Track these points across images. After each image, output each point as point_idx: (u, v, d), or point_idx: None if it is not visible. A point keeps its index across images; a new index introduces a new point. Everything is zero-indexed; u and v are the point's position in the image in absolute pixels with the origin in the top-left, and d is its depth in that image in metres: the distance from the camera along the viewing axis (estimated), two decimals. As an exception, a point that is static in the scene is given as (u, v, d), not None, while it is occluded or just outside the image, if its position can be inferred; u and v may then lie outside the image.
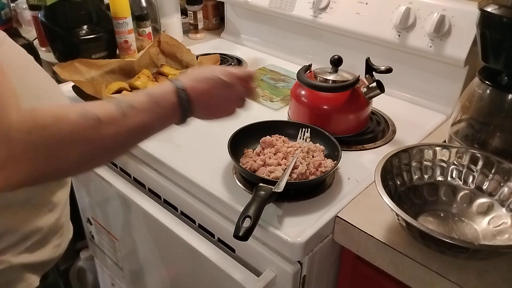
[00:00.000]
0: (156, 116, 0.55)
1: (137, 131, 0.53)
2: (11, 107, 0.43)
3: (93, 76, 1.02)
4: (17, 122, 0.43)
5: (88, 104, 0.51)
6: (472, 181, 0.69)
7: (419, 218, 0.68)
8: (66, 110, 0.47)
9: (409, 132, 0.90)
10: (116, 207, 1.01)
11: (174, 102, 0.57)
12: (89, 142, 0.48)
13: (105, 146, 0.50)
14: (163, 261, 0.95)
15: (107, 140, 0.50)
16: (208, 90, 0.60)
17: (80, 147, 0.48)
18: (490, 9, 0.67)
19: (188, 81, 0.59)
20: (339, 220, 0.67)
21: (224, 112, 0.65)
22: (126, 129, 0.51)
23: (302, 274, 0.68)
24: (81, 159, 0.49)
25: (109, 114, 0.49)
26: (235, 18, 1.37)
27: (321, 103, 0.85)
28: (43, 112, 0.45)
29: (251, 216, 0.60)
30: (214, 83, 0.61)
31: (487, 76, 0.73)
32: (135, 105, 0.52)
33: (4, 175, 0.44)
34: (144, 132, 0.55)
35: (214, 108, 0.63)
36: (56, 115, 0.46)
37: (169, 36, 1.12)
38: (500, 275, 0.58)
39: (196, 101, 0.59)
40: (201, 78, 0.60)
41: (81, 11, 1.10)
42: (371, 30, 1.00)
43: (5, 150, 0.42)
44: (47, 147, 0.45)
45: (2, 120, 0.42)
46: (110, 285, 1.33)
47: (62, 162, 0.47)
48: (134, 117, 0.51)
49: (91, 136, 0.48)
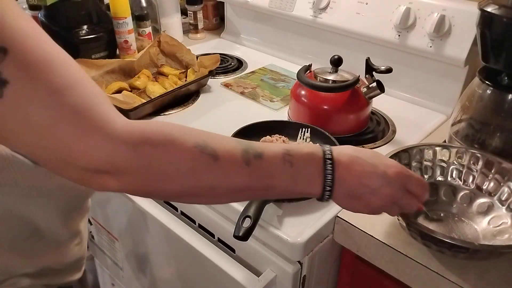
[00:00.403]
0: (283, 176, 0.46)
1: (255, 183, 0.45)
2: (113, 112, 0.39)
3: (93, 76, 1.02)
4: (123, 133, 0.39)
5: (212, 136, 0.45)
6: (472, 181, 0.69)
7: (419, 218, 0.68)
8: (183, 135, 0.42)
9: (409, 132, 0.90)
10: (116, 207, 1.01)
11: (314, 172, 0.47)
12: (196, 177, 0.42)
13: (213, 187, 0.43)
14: (163, 261, 0.95)
15: (216, 182, 0.43)
16: (362, 174, 0.48)
17: (184, 179, 0.42)
18: (490, 9, 0.67)
19: (343, 154, 0.48)
20: (339, 220, 0.67)
21: (368, 207, 0.51)
22: (243, 179, 0.44)
23: (302, 274, 0.68)
24: (182, 191, 0.43)
25: (231, 156, 0.43)
26: (235, 18, 1.37)
27: (321, 103, 0.85)
28: (156, 130, 0.41)
29: (251, 216, 0.60)
30: (374, 174, 0.49)
31: (487, 76, 0.73)
32: (265, 156, 0.44)
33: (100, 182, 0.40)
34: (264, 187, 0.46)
35: (358, 201, 0.50)
36: (169, 137, 0.41)
37: (169, 36, 1.12)
38: (500, 275, 0.58)
39: (341, 182, 0.48)
40: (361, 159, 0.49)
41: (81, 11, 1.10)
42: (371, 30, 1.00)
43: (106, 159, 0.39)
44: (151, 167, 0.40)
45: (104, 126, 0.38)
46: (110, 285, 1.33)
47: (161, 186, 0.42)
48: (257, 168, 0.44)
49: (200, 171, 0.42)
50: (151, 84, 1.01)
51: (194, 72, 1.06)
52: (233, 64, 1.20)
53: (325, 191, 0.48)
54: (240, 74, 1.16)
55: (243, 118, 0.85)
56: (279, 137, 0.79)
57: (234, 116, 0.95)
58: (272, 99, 1.02)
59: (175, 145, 0.41)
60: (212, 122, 0.93)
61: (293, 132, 0.81)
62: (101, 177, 0.40)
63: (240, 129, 0.78)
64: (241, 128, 0.79)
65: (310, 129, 0.81)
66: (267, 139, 0.77)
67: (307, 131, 0.81)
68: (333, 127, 0.83)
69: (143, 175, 0.41)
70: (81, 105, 0.38)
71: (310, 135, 0.80)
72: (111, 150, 0.39)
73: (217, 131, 0.84)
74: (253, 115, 0.92)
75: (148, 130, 0.41)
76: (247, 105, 1.00)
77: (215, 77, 1.12)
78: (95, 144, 0.38)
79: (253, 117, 0.84)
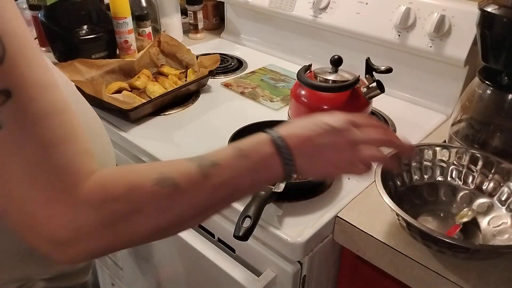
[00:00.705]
0: (244, 171, 0.45)
1: (221, 192, 0.44)
2: (82, 173, 0.38)
3: (93, 76, 1.02)
4: (86, 194, 0.37)
5: (165, 165, 0.43)
6: (472, 181, 0.69)
7: (419, 218, 0.68)
8: (140, 177, 0.41)
9: (409, 132, 0.89)
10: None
11: (269, 153, 0.47)
12: (163, 213, 0.41)
13: (182, 215, 0.42)
14: (163, 261, 0.95)
15: (184, 209, 0.42)
16: (310, 137, 0.49)
17: (152, 220, 0.41)
18: (490, 9, 0.67)
19: (285, 129, 0.50)
20: (339, 220, 0.67)
21: (334, 165, 0.52)
22: (208, 193, 0.43)
23: (302, 274, 0.68)
24: (153, 231, 0.42)
25: (188, 177, 0.42)
26: (235, 18, 1.37)
27: (321, 103, 0.85)
28: (115, 181, 0.39)
29: (251, 216, 0.60)
30: (319, 129, 0.50)
31: (487, 76, 0.73)
32: (219, 162, 0.44)
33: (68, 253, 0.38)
34: (230, 192, 0.45)
35: (320, 160, 0.50)
36: (129, 184, 0.39)
37: (169, 36, 1.12)
38: (500, 275, 0.58)
39: (297, 150, 0.48)
40: (302, 125, 0.51)
41: (81, 11, 1.10)
42: (371, 30, 1.00)
43: (71, 227, 0.37)
44: (116, 222, 0.39)
45: (68, 194, 0.37)
46: (110, 285, 1.33)
47: (131, 236, 0.41)
48: (217, 176, 0.43)
49: (165, 206, 0.41)
50: (151, 84, 1.01)
51: (194, 72, 1.06)
52: (233, 64, 1.20)
53: (288, 165, 0.48)
54: (240, 74, 1.16)
55: (243, 118, 0.85)
56: (279, 137, 0.79)
57: (234, 116, 0.95)
58: (272, 99, 1.02)
59: (135, 191, 0.40)
60: (212, 122, 0.93)
61: (293, 132, 0.81)
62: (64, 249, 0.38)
63: (240, 129, 0.78)
64: (241, 128, 0.79)
65: (310, 129, 0.81)
66: (267, 139, 0.77)
67: (307, 131, 0.81)
68: (333, 127, 0.83)
69: (110, 233, 0.39)
70: (60, 166, 0.37)
71: (310, 135, 0.80)
72: (74, 217, 0.37)
73: (217, 131, 0.85)
74: (253, 115, 0.92)
75: (109, 185, 0.39)
76: (247, 105, 1.00)
77: (215, 77, 1.12)
78: (60, 212, 0.37)
79: (253, 117, 0.84)
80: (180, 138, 0.87)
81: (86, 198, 0.37)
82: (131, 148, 0.87)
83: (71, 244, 0.38)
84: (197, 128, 0.91)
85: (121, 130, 0.89)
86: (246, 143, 0.48)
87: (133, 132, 0.89)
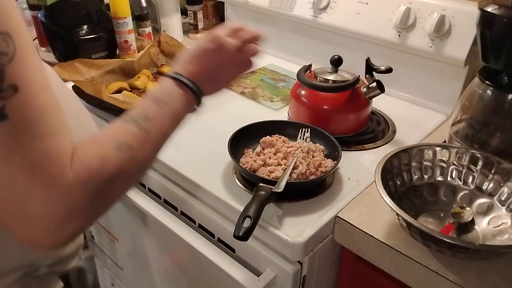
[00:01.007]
0: (171, 115, 0.55)
1: (162, 138, 0.54)
2: (67, 158, 0.42)
3: (93, 76, 1.02)
4: (73, 176, 0.41)
5: (113, 131, 0.49)
6: (472, 181, 0.69)
7: (419, 218, 0.68)
8: (104, 147, 0.46)
9: (409, 132, 0.90)
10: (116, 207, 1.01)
11: (181, 93, 0.56)
12: (131, 173, 0.48)
13: (142, 169, 0.51)
14: (163, 261, 0.95)
15: (141, 163, 0.50)
16: (203, 65, 0.60)
17: (125, 181, 0.48)
18: (490, 9, 0.67)
19: (181, 68, 0.59)
20: (339, 220, 0.67)
21: (228, 76, 0.65)
22: (153, 143, 0.52)
23: (302, 274, 0.68)
24: (128, 189, 0.50)
25: (135, 136, 0.49)
26: (235, 18, 1.37)
27: (321, 103, 0.85)
28: (88, 156, 0.44)
29: (251, 216, 0.60)
30: (204, 56, 0.60)
31: (487, 76, 0.73)
32: (149, 116, 0.52)
33: (63, 233, 0.42)
34: (165, 134, 0.55)
35: (217, 79, 0.62)
36: (100, 156, 0.44)
37: (169, 36, 1.12)
38: (500, 275, 0.58)
39: (198, 80, 0.58)
40: (191, 58, 0.60)
41: (81, 11, 1.10)
42: (371, 30, 1.00)
43: (68, 208, 0.41)
44: (101, 194, 0.44)
45: (62, 177, 0.41)
46: (110, 285, 1.33)
47: (112, 201, 0.48)
48: (155, 127, 0.52)
49: (131, 167, 0.47)
50: (151, 84, 1.01)
51: (194, 72, 1.06)
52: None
53: (198, 96, 0.59)
54: (240, 74, 1.16)
55: (243, 118, 0.85)
56: (279, 137, 0.79)
57: (234, 116, 0.95)
58: (272, 99, 1.02)
59: (107, 161, 0.45)
60: (212, 122, 0.93)
61: (293, 132, 0.81)
62: (59, 231, 0.42)
63: (240, 129, 0.78)
64: (241, 128, 0.79)
65: (310, 129, 0.81)
66: (267, 139, 0.77)
67: (307, 131, 0.81)
68: (333, 127, 0.83)
69: (97, 204, 0.45)
70: (55, 154, 0.41)
71: (310, 135, 0.80)
72: (69, 198, 0.41)
73: (217, 131, 0.84)
74: (253, 115, 0.92)
75: (86, 161, 0.43)
76: (247, 105, 1.00)
77: (215, 77, 1.12)
78: (57, 194, 0.40)
79: (253, 117, 0.84)
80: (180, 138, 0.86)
81: (75, 180, 0.41)
82: (131, 148, 0.87)
83: (66, 223, 0.42)
84: (197, 128, 0.91)
85: (121, 130, 0.89)
86: (160, 92, 0.56)
87: (133, 132, 0.89)
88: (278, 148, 0.75)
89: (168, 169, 0.80)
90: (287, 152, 0.74)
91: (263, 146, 0.77)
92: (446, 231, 0.63)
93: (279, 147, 0.75)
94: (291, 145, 0.76)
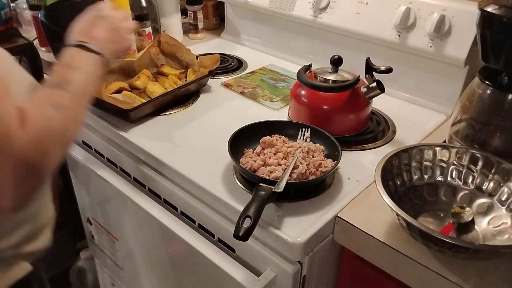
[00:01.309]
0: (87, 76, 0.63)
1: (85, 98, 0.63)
2: (12, 120, 0.49)
3: (93, 76, 1.02)
4: (25, 135, 0.49)
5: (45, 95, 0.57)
6: (472, 181, 0.69)
7: (419, 218, 0.68)
8: (46, 109, 0.54)
9: (409, 132, 0.90)
10: (116, 207, 1.01)
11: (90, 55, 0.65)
12: (70, 130, 0.58)
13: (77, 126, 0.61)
14: (163, 261, 0.95)
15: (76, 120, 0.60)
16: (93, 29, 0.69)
17: (67, 138, 0.57)
18: (490, 9, 0.67)
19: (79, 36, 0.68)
20: (339, 220, 0.67)
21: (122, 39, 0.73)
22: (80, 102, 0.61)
23: (302, 274, 0.68)
24: (68, 147, 0.59)
25: (66, 98, 0.57)
26: (235, 18, 1.37)
27: (321, 103, 0.85)
28: (36, 117, 0.52)
29: (251, 216, 0.60)
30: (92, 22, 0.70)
31: (487, 76, 0.73)
32: (70, 81, 0.60)
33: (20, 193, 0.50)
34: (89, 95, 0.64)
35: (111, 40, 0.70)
36: (45, 117, 0.53)
37: (169, 36, 1.12)
38: (500, 275, 0.58)
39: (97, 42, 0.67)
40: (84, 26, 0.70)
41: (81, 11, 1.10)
42: (371, 30, 1.00)
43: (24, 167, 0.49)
44: (50, 150, 0.52)
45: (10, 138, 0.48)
46: (110, 285, 1.33)
47: (59, 158, 0.55)
48: (77, 88, 0.60)
49: (69, 124, 0.57)
50: (151, 84, 1.00)
51: (194, 72, 1.06)
52: (233, 64, 1.20)
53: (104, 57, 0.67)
54: (240, 74, 1.16)
55: (243, 118, 0.85)
56: (279, 137, 0.79)
57: (234, 116, 0.95)
58: (272, 99, 1.02)
59: (52, 121, 0.54)
60: (212, 122, 0.93)
61: (293, 132, 0.81)
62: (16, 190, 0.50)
63: (240, 129, 0.78)
64: (241, 128, 0.79)
65: (310, 129, 0.81)
66: (267, 139, 0.77)
67: (307, 131, 0.81)
68: (333, 127, 0.83)
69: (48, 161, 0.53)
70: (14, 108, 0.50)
71: (310, 135, 0.80)
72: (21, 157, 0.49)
73: (217, 131, 0.84)
74: (253, 115, 0.92)
75: (37, 123, 0.52)
76: (247, 105, 1.00)
77: (215, 77, 1.12)
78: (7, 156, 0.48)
79: (253, 117, 0.84)
80: (180, 138, 0.87)
81: (27, 138, 0.49)
82: (131, 148, 0.87)
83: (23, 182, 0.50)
84: (197, 128, 0.91)
85: (121, 130, 0.89)
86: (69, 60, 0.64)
87: (133, 132, 0.89)
88: (278, 148, 0.75)
89: (168, 169, 0.80)
90: (287, 152, 0.74)
91: (263, 146, 0.77)
92: (446, 231, 0.63)
93: (279, 147, 0.75)
94: (291, 145, 0.76)
